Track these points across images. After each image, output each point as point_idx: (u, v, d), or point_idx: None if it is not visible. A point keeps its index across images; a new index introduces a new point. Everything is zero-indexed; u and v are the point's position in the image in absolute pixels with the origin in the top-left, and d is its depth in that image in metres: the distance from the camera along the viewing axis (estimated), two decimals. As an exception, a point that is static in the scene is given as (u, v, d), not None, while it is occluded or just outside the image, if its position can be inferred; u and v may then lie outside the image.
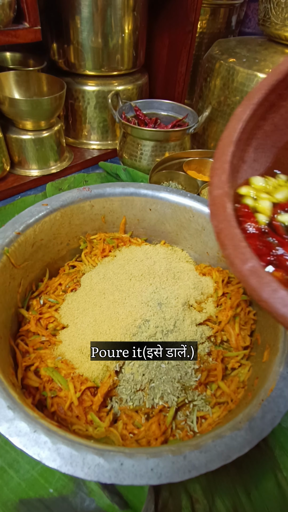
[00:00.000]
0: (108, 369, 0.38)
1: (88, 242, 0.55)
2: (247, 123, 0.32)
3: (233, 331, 0.43)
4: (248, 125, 0.32)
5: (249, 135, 0.34)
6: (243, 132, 0.32)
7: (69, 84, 0.85)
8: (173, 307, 0.43)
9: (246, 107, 0.32)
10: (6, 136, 0.76)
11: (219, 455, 0.27)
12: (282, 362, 0.34)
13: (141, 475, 0.25)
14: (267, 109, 0.34)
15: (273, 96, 0.33)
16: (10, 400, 0.29)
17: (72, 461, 0.25)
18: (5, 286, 0.41)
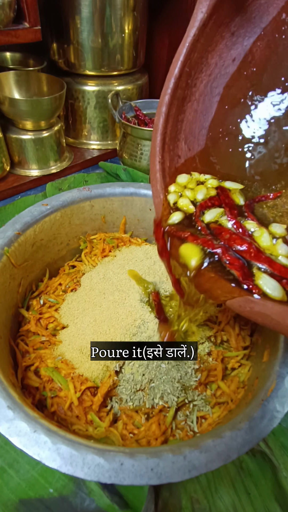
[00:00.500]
0: (108, 369, 0.38)
1: (88, 242, 0.55)
2: (167, 123, 0.34)
3: (233, 331, 0.43)
4: (168, 124, 0.35)
5: (173, 132, 0.36)
6: (166, 134, 0.35)
7: (69, 84, 0.85)
8: (173, 307, 0.43)
9: (159, 114, 0.35)
10: (6, 136, 0.76)
11: (219, 455, 0.27)
12: (282, 362, 0.34)
13: (141, 475, 0.25)
14: (180, 102, 0.35)
15: (181, 90, 0.34)
16: (10, 400, 0.29)
17: (72, 461, 0.25)
18: (5, 286, 0.41)
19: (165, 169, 0.36)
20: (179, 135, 0.37)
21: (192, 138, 0.38)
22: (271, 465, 0.39)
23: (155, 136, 0.35)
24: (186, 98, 0.36)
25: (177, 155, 0.37)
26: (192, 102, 0.36)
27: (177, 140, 0.37)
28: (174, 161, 0.37)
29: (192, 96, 0.36)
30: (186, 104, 0.36)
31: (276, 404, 0.30)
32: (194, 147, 0.38)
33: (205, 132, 0.38)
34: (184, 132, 0.37)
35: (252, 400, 0.32)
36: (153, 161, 0.36)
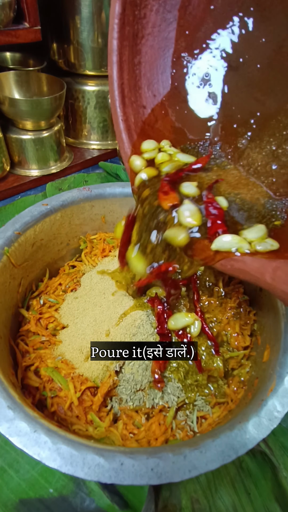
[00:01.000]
0: (108, 369, 0.38)
1: (88, 242, 0.55)
2: (122, 71, 0.31)
3: (233, 331, 0.43)
4: (124, 73, 0.31)
5: (132, 80, 0.32)
6: (123, 85, 0.31)
7: (69, 84, 0.85)
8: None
9: (110, 64, 0.30)
10: (6, 136, 0.76)
11: (219, 455, 0.27)
12: (282, 362, 0.34)
13: (141, 475, 0.25)
14: (132, 41, 0.31)
15: (129, 26, 0.30)
16: (10, 400, 0.29)
17: (72, 461, 0.25)
18: (5, 286, 0.41)
19: (130, 126, 0.32)
20: (140, 82, 0.33)
21: (155, 81, 0.34)
22: (271, 465, 0.39)
23: (111, 91, 0.31)
24: (138, 34, 0.31)
25: (141, 106, 0.33)
26: (146, 38, 0.32)
27: (139, 88, 0.33)
28: (139, 114, 0.33)
29: (144, 29, 0.31)
30: (139, 42, 0.32)
31: (276, 404, 0.30)
32: (160, 91, 0.34)
33: (168, 70, 0.34)
34: (145, 76, 0.33)
35: (252, 400, 0.32)
36: (116, 121, 0.32)
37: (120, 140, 0.32)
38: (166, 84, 0.34)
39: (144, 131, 0.33)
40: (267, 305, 0.42)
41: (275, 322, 0.39)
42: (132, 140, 0.32)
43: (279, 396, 0.31)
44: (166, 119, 0.35)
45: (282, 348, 0.35)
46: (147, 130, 0.34)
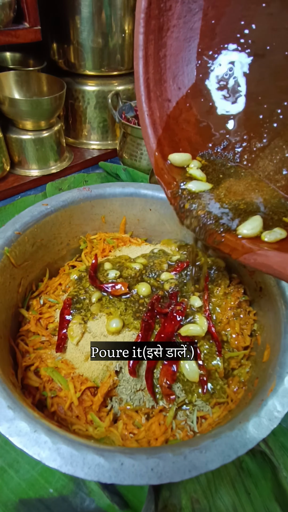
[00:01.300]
0: (108, 369, 0.38)
1: (88, 242, 0.55)
2: (147, 66, 0.31)
3: (233, 331, 0.43)
4: (149, 67, 0.31)
5: (157, 74, 0.32)
6: (149, 80, 0.31)
7: (69, 84, 0.85)
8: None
9: (137, 59, 0.30)
10: (6, 136, 0.76)
11: (219, 455, 0.27)
12: (282, 362, 0.34)
13: (141, 475, 0.25)
14: (157, 35, 0.31)
15: (155, 20, 0.30)
16: (10, 400, 0.29)
17: (72, 461, 0.25)
18: (5, 286, 0.41)
19: (155, 121, 0.33)
20: (165, 75, 0.33)
21: (180, 73, 0.34)
22: (271, 465, 0.39)
23: (137, 87, 0.31)
24: (163, 27, 0.31)
25: (166, 100, 0.34)
26: (172, 30, 0.31)
27: (164, 82, 0.33)
28: (164, 107, 0.33)
29: (170, 22, 0.31)
30: (165, 35, 0.31)
31: (276, 404, 0.30)
32: (184, 83, 0.34)
33: (193, 61, 0.34)
34: (170, 69, 0.33)
35: (252, 400, 0.32)
36: (142, 116, 0.32)
37: (146, 135, 0.32)
38: (191, 76, 0.34)
39: (169, 125, 0.33)
40: (267, 305, 0.42)
41: (275, 322, 0.39)
42: (157, 134, 0.32)
43: (279, 396, 0.31)
44: (190, 112, 0.35)
45: (282, 348, 0.35)
46: (171, 124, 0.34)
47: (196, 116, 0.35)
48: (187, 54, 0.33)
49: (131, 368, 0.37)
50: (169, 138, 0.34)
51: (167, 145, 0.34)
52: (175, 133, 0.34)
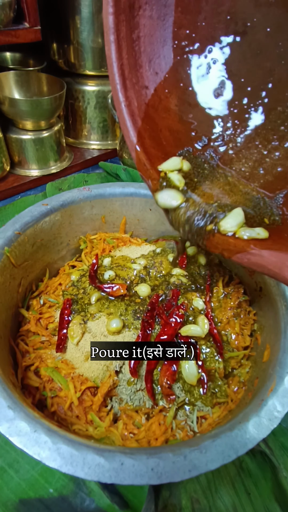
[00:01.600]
0: (108, 369, 0.38)
1: (88, 242, 0.55)
2: (120, 50, 0.28)
3: (233, 331, 0.43)
4: (123, 51, 0.28)
5: (132, 58, 0.29)
6: (123, 65, 0.28)
7: (69, 84, 0.85)
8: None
9: (108, 44, 0.27)
10: (6, 136, 0.76)
11: (219, 454, 0.27)
12: (282, 362, 0.34)
13: (141, 475, 0.25)
14: (129, 14, 0.28)
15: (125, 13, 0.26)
16: (11, 400, 0.29)
17: (72, 461, 0.25)
18: (5, 286, 0.41)
19: (133, 111, 0.30)
20: (140, 60, 0.30)
21: (156, 56, 0.31)
22: (271, 465, 0.39)
23: (111, 75, 0.28)
24: (135, 4, 0.28)
25: (143, 87, 0.31)
26: (144, 8, 0.28)
27: (139, 67, 0.30)
28: (142, 95, 0.31)
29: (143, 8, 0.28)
30: (137, 14, 0.28)
31: (276, 404, 0.30)
32: (162, 67, 0.31)
33: (169, 42, 0.31)
34: (145, 52, 0.30)
35: (252, 400, 0.32)
36: (118, 107, 0.29)
37: (125, 127, 0.30)
38: (168, 59, 0.32)
39: (148, 114, 0.31)
40: (267, 305, 0.42)
41: (275, 322, 0.39)
42: (136, 126, 0.30)
43: (279, 396, 0.31)
44: (169, 99, 0.33)
45: (282, 348, 0.35)
46: (151, 114, 0.32)
47: (176, 103, 0.33)
48: (163, 34, 0.31)
49: (132, 369, 0.37)
50: (150, 129, 0.32)
51: (148, 137, 0.32)
52: (155, 123, 0.32)
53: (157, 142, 0.32)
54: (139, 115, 0.31)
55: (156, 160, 0.32)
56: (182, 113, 0.34)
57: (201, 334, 0.39)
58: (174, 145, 0.34)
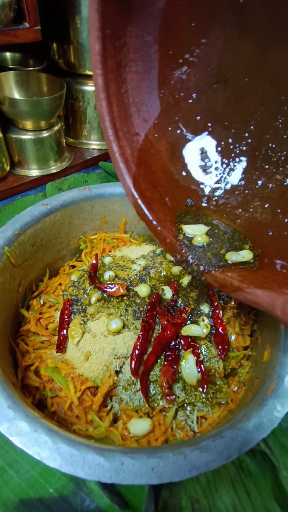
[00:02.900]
0: (108, 369, 0.38)
1: (88, 242, 0.55)
2: (111, 106, 0.30)
3: (233, 331, 0.43)
4: (113, 106, 0.30)
5: (122, 111, 0.32)
6: (115, 119, 0.31)
7: (69, 84, 0.85)
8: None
9: (99, 101, 0.30)
10: (6, 136, 0.76)
11: (219, 454, 0.27)
12: (282, 362, 0.34)
13: (141, 475, 0.25)
14: (116, 72, 0.30)
15: (111, 59, 0.29)
16: (11, 400, 0.29)
17: (72, 460, 0.25)
18: (5, 286, 0.41)
19: (127, 158, 0.33)
20: (130, 110, 0.33)
21: (145, 105, 0.33)
22: (271, 465, 0.39)
23: (104, 128, 0.31)
24: (121, 63, 0.31)
25: (134, 134, 0.33)
26: (130, 65, 0.31)
27: (129, 117, 0.33)
28: (133, 143, 0.33)
29: (127, 57, 0.31)
30: (124, 71, 0.31)
31: (276, 404, 0.30)
32: (150, 114, 0.34)
33: (155, 91, 0.34)
34: (134, 103, 0.33)
35: (252, 400, 0.32)
36: (113, 156, 0.32)
37: (120, 173, 0.33)
38: (156, 106, 0.34)
39: (141, 159, 0.34)
40: (267, 305, 0.42)
41: (275, 322, 0.39)
42: (131, 172, 0.33)
43: (279, 396, 0.31)
44: (160, 143, 0.35)
45: (282, 348, 0.35)
46: (143, 157, 0.34)
47: (166, 146, 0.35)
48: (149, 85, 0.33)
49: (133, 369, 0.37)
50: (144, 172, 0.34)
51: (143, 180, 0.34)
52: (149, 166, 0.35)
53: (152, 184, 0.35)
54: (132, 161, 0.33)
55: (152, 203, 0.34)
56: (173, 154, 0.36)
57: (201, 334, 0.39)
58: (167, 185, 0.36)
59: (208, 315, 0.43)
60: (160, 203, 0.35)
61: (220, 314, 0.42)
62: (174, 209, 0.36)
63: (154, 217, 0.33)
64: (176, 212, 0.36)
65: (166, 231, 0.33)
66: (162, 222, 0.34)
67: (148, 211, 0.34)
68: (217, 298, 0.44)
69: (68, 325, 0.42)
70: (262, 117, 0.33)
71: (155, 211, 0.34)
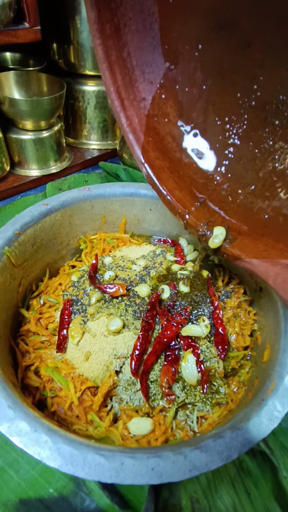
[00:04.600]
0: (108, 369, 0.38)
1: (88, 242, 0.55)
2: (114, 74, 0.29)
3: (233, 331, 0.43)
4: (116, 73, 0.30)
5: (126, 76, 0.31)
6: (119, 87, 0.30)
7: (69, 84, 0.85)
8: (173, 307, 0.43)
9: (102, 72, 0.29)
10: (6, 136, 0.76)
11: (219, 454, 0.27)
12: (282, 362, 0.34)
13: (141, 475, 0.25)
14: (116, 36, 0.29)
15: (109, 23, 0.28)
16: (11, 400, 0.29)
17: (72, 460, 0.25)
18: (6, 285, 0.41)
19: (135, 129, 0.32)
20: (134, 75, 0.31)
21: (149, 66, 0.32)
22: (271, 465, 0.39)
23: (111, 100, 0.31)
24: (119, 25, 0.29)
25: (141, 100, 0.32)
26: (129, 24, 0.29)
27: (134, 82, 0.32)
28: (141, 109, 0.33)
29: (125, 16, 0.29)
30: (123, 32, 0.29)
31: (277, 404, 0.30)
32: (155, 75, 0.32)
33: (159, 48, 0.32)
34: (137, 66, 0.31)
35: (252, 400, 0.32)
36: (122, 128, 0.32)
37: (130, 145, 0.33)
38: (160, 65, 0.32)
39: (149, 125, 0.33)
40: (267, 305, 0.43)
41: (275, 322, 0.39)
42: (140, 142, 0.32)
43: (279, 396, 0.31)
44: (167, 104, 0.34)
45: (282, 348, 0.35)
46: (152, 123, 0.33)
47: (174, 107, 0.34)
48: (151, 42, 0.31)
49: (133, 369, 0.37)
50: (153, 140, 0.34)
51: (152, 148, 0.34)
52: (157, 132, 0.34)
53: (161, 151, 0.34)
54: (141, 130, 0.33)
55: (161, 171, 0.34)
56: (181, 115, 0.35)
57: (201, 334, 0.39)
58: (177, 149, 0.35)
59: (208, 315, 0.43)
60: (169, 171, 0.35)
61: (220, 314, 0.42)
62: (184, 176, 0.35)
63: (163, 187, 0.34)
64: (186, 178, 0.35)
65: (175, 202, 0.34)
66: (171, 191, 0.34)
67: (158, 181, 0.34)
68: (217, 298, 0.44)
69: (68, 325, 0.42)
70: (271, 66, 0.31)
71: (164, 180, 0.34)
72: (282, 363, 0.34)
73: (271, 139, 0.33)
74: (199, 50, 0.32)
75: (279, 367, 0.33)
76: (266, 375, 0.34)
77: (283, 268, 0.27)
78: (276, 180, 0.33)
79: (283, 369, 0.33)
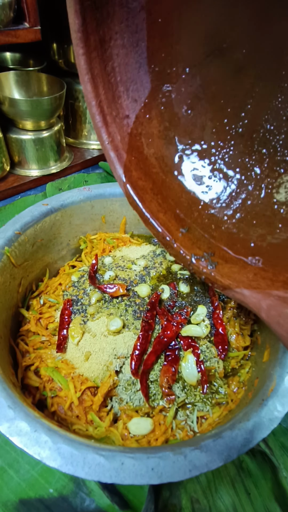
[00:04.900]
0: (108, 369, 0.38)
1: (88, 242, 0.55)
2: (97, 87, 0.28)
3: (233, 331, 0.43)
4: (99, 87, 0.28)
5: (109, 92, 0.29)
6: (101, 102, 0.28)
7: (69, 84, 0.85)
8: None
9: (84, 84, 0.27)
10: (6, 136, 0.76)
11: (219, 454, 0.27)
12: (282, 362, 0.34)
13: (142, 475, 0.25)
14: (100, 49, 0.28)
15: (94, 34, 0.26)
16: (11, 400, 0.29)
17: (72, 460, 0.25)
18: (6, 285, 0.41)
19: (117, 146, 0.30)
20: (117, 91, 0.30)
21: (134, 83, 0.30)
22: (271, 465, 0.39)
23: (92, 115, 0.29)
24: (105, 38, 0.27)
25: (124, 117, 0.31)
26: (115, 38, 0.28)
27: (118, 98, 0.30)
28: (123, 127, 0.31)
29: (111, 29, 0.27)
30: (108, 46, 0.28)
31: (277, 404, 0.30)
32: (140, 93, 0.31)
33: (145, 66, 0.30)
34: (121, 82, 0.30)
35: (252, 400, 0.32)
36: (102, 144, 0.30)
37: (111, 163, 0.31)
38: (146, 83, 0.31)
39: (132, 144, 0.31)
40: (267, 305, 0.42)
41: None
42: (122, 160, 0.31)
43: (279, 396, 0.31)
44: (152, 124, 0.32)
45: (282, 348, 0.35)
46: (135, 142, 0.32)
47: (158, 127, 0.33)
48: (137, 60, 0.30)
49: (133, 369, 0.37)
50: (136, 159, 0.32)
51: (134, 168, 0.32)
52: (141, 151, 0.33)
53: (144, 171, 0.33)
54: (123, 148, 0.31)
55: (144, 193, 0.32)
56: (166, 136, 0.34)
57: (201, 334, 0.39)
58: (160, 171, 0.34)
59: (208, 315, 0.43)
60: (153, 193, 0.33)
61: (220, 314, 0.42)
62: (167, 198, 0.34)
63: (146, 209, 0.32)
64: (170, 200, 0.33)
65: (158, 224, 0.32)
66: (154, 214, 0.32)
67: (140, 202, 0.32)
68: (217, 298, 0.44)
69: (68, 325, 0.42)
70: (260, 95, 0.31)
71: (148, 202, 0.32)
72: (282, 363, 0.34)
73: (259, 167, 0.33)
74: (187, 73, 0.32)
75: (279, 367, 0.33)
76: (266, 375, 0.34)
77: (276, 300, 0.26)
78: (264, 209, 0.32)
79: (283, 369, 0.33)
